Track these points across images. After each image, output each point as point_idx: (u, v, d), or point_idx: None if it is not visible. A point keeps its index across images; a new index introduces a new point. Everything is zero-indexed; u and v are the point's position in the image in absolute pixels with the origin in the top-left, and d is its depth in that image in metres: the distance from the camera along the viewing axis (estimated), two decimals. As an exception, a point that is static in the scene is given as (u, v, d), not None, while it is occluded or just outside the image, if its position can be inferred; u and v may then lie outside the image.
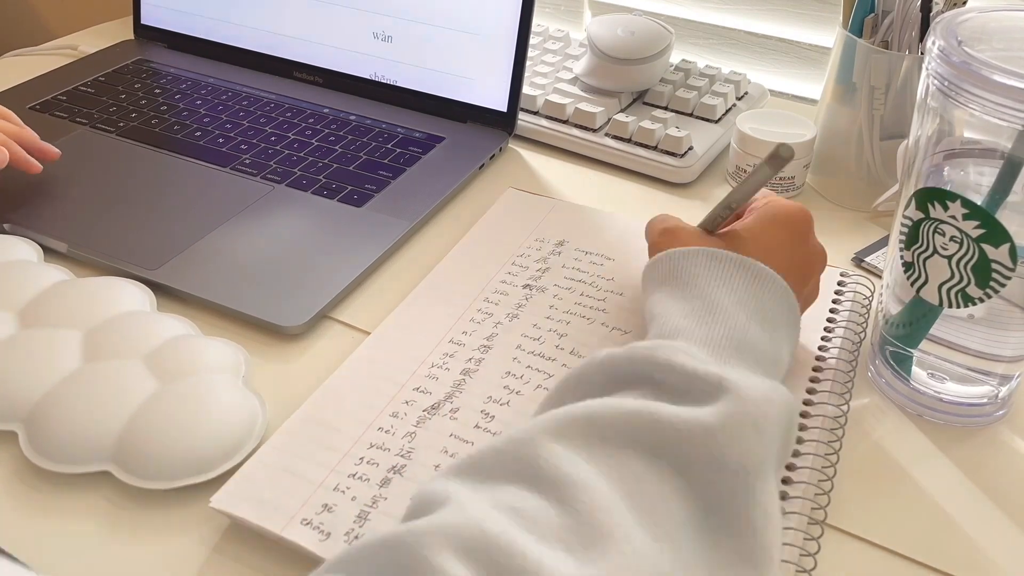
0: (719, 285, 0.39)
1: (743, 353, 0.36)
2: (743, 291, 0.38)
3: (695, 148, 0.63)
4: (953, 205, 0.38)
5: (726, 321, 0.37)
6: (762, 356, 0.36)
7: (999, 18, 0.40)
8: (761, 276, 0.39)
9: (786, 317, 0.39)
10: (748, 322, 0.37)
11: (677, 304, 0.38)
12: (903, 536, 0.38)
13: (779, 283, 0.39)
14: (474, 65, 0.66)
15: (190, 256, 0.52)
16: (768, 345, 0.37)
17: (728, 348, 0.36)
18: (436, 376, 0.44)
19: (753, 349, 0.36)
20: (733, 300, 0.38)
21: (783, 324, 0.39)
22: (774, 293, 0.39)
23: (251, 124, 0.67)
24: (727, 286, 0.39)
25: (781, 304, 0.39)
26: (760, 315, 0.38)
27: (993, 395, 0.43)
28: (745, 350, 0.36)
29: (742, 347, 0.36)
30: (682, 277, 0.40)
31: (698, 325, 0.37)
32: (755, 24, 0.78)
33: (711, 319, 0.37)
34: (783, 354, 0.39)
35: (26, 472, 0.40)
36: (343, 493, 0.37)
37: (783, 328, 0.39)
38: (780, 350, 0.38)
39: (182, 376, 0.42)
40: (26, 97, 0.70)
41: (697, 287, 0.39)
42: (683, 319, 0.37)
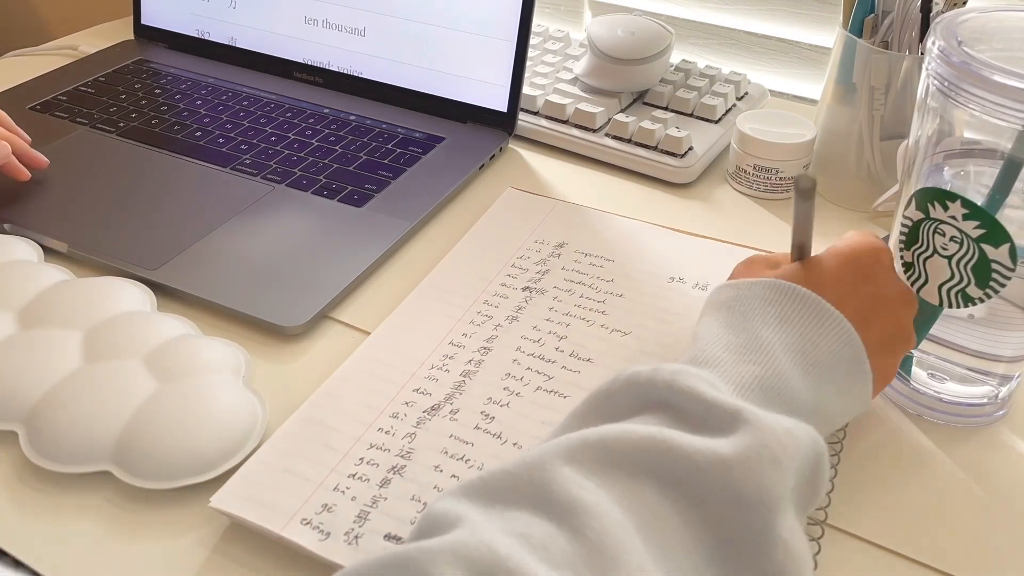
0: (774, 321, 0.36)
1: (772, 397, 0.34)
2: (798, 331, 0.36)
3: (695, 148, 0.63)
4: (953, 205, 0.38)
5: (765, 363, 0.35)
6: (796, 405, 0.34)
7: (999, 18, 0.40)
8: (823, 316, 0.36)
9: (847, 367, 0.36)
10: (790, 367, 0.35)
11: (724, 334, 0.36)
12: (903, 536, 0.38)
13: (843, 326, 0.36)
14: (474, 65, 0.66)
15: (190, 256, 0.52)
16: (807, 395, 0.35)
17: (758, 391, 0.34)
18: (436, 377, 0.44)
19: (786, 396, 0.34)
20: (783, 340, 0.35)
21: (839, 375, 0.36)
22: (836, 338, 0.36)
23: (251, 124, 0.67)
24: (781, 323, 0.36)
25: (840, 349, 0.36)
26: (810, 361, 0.35)
27: (993, 395, 0.43)
28: (774, 396, 0.34)
29: (772, 393, 0.34)
30: (739, 307, 0.37)
31: (734, 361, 0.35)
32: (755, 24, 0.78)
33: (750, 357, 0.35)
34: (828, 406, 0.36)
35: (26, 472, 0.40)
36: (343, 493, 0.37)
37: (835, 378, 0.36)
38: (823, 401, 0.35)
39: (182, 376, 0.42)
40: (26, 97, 0.70)
41: (748, 320, 0.36)
42: (723, 351, 0.35)
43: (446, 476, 0.38)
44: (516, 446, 0.40)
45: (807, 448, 0.31)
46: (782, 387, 0.34)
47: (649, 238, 0.55)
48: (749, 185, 0.62)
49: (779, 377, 0.34)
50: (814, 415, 0.35)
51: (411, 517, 0.36)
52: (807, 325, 0.36)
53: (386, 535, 0.35)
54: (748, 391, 0.34)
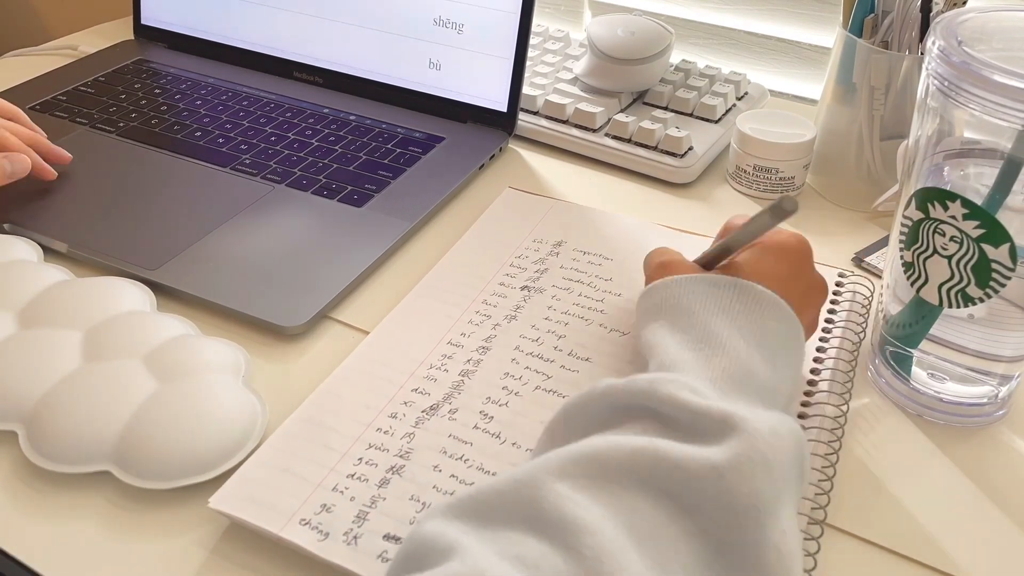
0: (717, 313, 0.38)
1: (744, 385, 0.35)
2: (743, 318, 0.37)
3: (695, 148, 0.63)
4: (953, 205, 0.38)
5: (726, 352, 0.36)
6: (763, 387, 0.35)
7: (999, 18, 0.40)
8: (763, 300, 0.38)
9: (790, 342, 0.38)
10: (749, 351, 0.36)
11: (674, 335, 0.37)
12: (903, 536, 0.38)
13: (782, 307, 0.38)
14: (474, 65, 0.66)
15: (190, 256, 0.52)
16: (769, 374, 0.36)
17: (729, 381, 0.35)
18: (435, 377, 0.44)
19: (754, 380, 0.35)
20: (732, 328, 0.37)
21: (785, 350, 0.38)
22: (777, 317, 0.38)
23: (251, 124, 0.67)
24: (726, 313, 0.37)
25: (784, 329, 0.38)
26: (761, 343, 0.37)
27: (993, 395, 0.43)
28: (746, 382, 0.35)
29: (743, 379, 0.35)
30: (679, 306, 0.39)
31: (697, 357, 0.36)
32: (755, 24, 0.78)
33: (710, 351, 0.36)
34: (785, 382, 0.37)
35: (26, 472, 0.40)
36: (342, 493, 0.37)
37: (785, 354, 0.38)
38: (782, 378, 0.37)
39: (182, 376, 0.42)
40: (26, 97, 0.70)
41: (694, 315, 0.38)
42: (681, 351, 0.36)
43: (445, 476, 0.38)
44: (515, 446, 0.40)
45: (791, 443, 0.31)
46: (747, 372, 0.35)
47: (648, 236, 0.55)
48: (749, 185, 0.62)
49: (743, 364, 0.35)
50: (777, 393, 0.36)
51: (410, 517, 0.36)
52: (752, 311, 0.38)
53: (385, 535, 0.35)
54: (723, 383, 0.34)
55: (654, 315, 0.40)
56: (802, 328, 0.39)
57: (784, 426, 0.32)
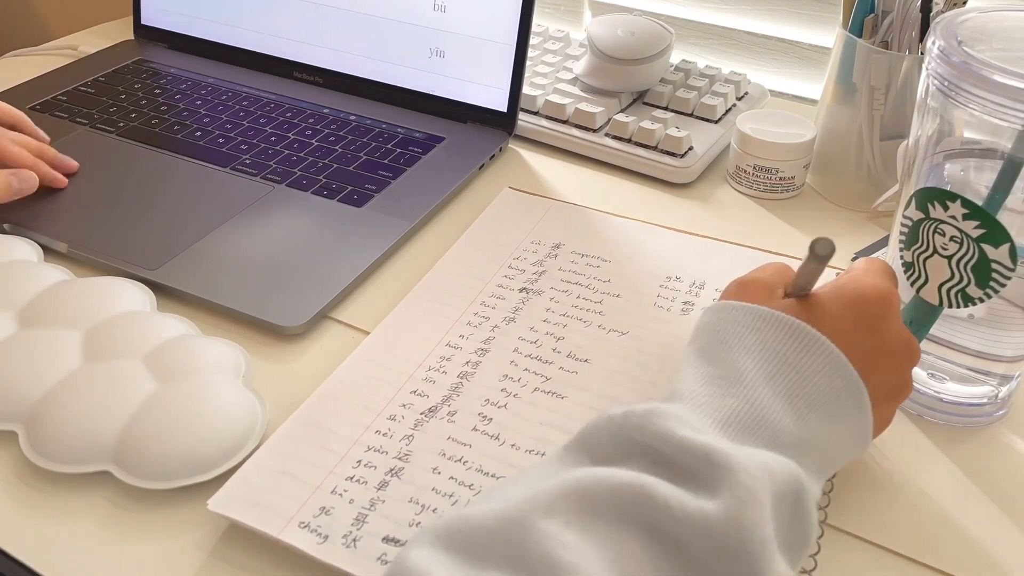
0: (754, 350, 0.34)
1: (753, 432, 0.32)
2: (781, 361, 0.34)
3: (695, 148, 0.63)
4: (953, 205, 0.38)
5: (743, 394, 0.33)
6: (779, 439, 0.32)
7: (999, 18, 0.40)
8: (811, 347, 0.34)
9: (839, 400, 0.34)
10: (772, 399, 0.33)
11: (702, 365, 0.35)
12: (903, 536, 0.38)
13: (835, 358, 0.34)
14: (474, 65, 0.66)
15: (190, 256, 0.52)
16: (794, 428, 0.33)
17: (736, 425, 0.32)
18: (433, 379, 0.44)
19: (769, 429, 0.32)
20: (762, 370, 0.34)
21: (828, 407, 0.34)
22: (826, 369, 0.34)
23: (251, 124, 0.67)
24: (762, 353, 0.34)
25: (834, 384, 0.34)
26: (792, 392, 0.33)
27: (993, 395, 0.43)
28: (758, 430, 0.32)
29: (755, 426, 0.32)
30: (718, 334, 0.36)
31: (711, 394, 0.33)
32: (755, 24, 0.78)
33: (727, 388, 0.33)
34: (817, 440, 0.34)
35: (26, 472, 0.40)
36: (340, 496, 0.37)
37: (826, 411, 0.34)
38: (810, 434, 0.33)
39: (182, 376, 0.42)
40: (26, 97, 0.70)
41: (728, 348, 0.35)
42: (699, 383, 0.34)
43: (444, 478, 0.38)
44: (514, 447, 0.40)
45: (783, 482, 0.30)
46: (762, 421, 0.33)
47: (646, 238, 0.55)
48: (749, 185, 0.62)
49: (759, 410, 0.33)
50: (801, 449, 0.33)
51: (409, 519, 0.36)
52: (791, 353, 0.34)
53: (384, 537, 0.35)
54: (726, 426, 0.32)
55: (695, 337, 0.37)
56: (863, 386, 0.34)
57: (781, 465, 0.30)
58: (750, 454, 0.30)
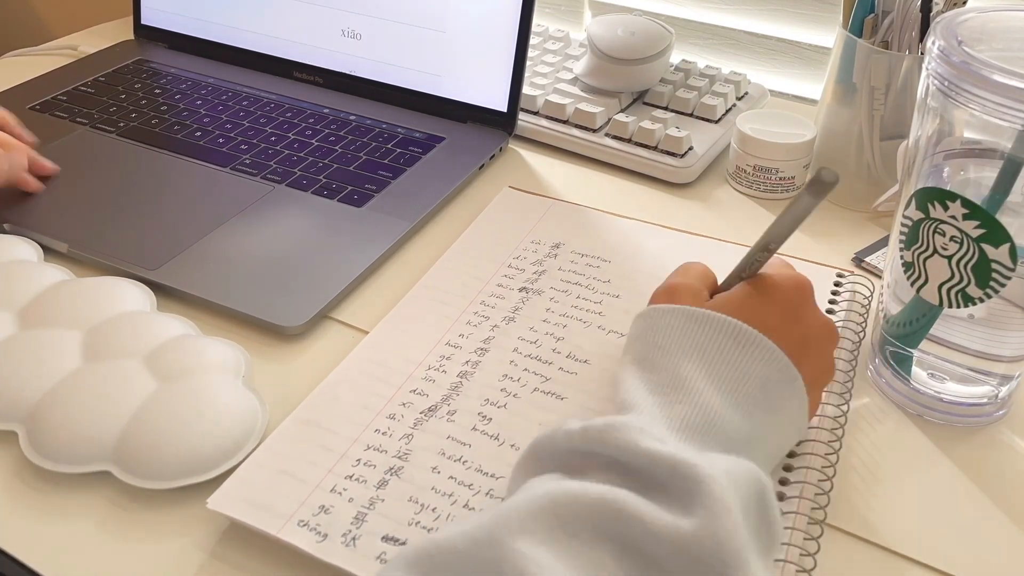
0: (691, 352, 0.35)
1: (707, 435, 0.33)
2: (719, 359, 0.35)
3: (695, 148, 0.63)
4: (953, 205, 0.38)
5: (690, 399, 0.33)
6: (731, 438, 0.33)
7: (999, 18, 0.40)
8: (744, 340, 0.35)
9: (778, 389, 0.35)
10: (720, 398, 0.34)
11: (642, 373, 0.35)
12: (903, 536, 0.38)
13: (768, 348, 0.35)
14: (474, 65, 0.66)
15: (190, 256, 0.52)
16: (741, 424, 0.34)
17: (689, 430, 0.33)
18: (433, 379, 0.44)
19: (720, 430, 0.33)
20: (703, 371, 0.34)
21: (770, 398, 0.35)
22: (761, 361, 0.35)
23: (251, 124, 0.67)
24: (700, 354, 0.35)
25: (771, 374, 0.35)
26: (736, 389, 0.34)
27: (993, 395, 0.43)
28: (709, 432, 0.33)
29: (706, 429, 0.33)
30: (653, 340, 0.36)
31: (658, 402, 0.34)
32: (755, 24, 0.78)
33: (673, 395, 0.34)
34: (763, 431, 0.35)
35: (26, 472, 0.40)
36: (340, 495, 0.37)
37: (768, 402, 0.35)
38: (758, 428, 0.34)
39: (182, 376, 0.42)
40: (26, 97, 0.70)
41: (666, 353, 0.35)
42: (646, 392, 0.34)
43: (443, 477, 0.38)
44: (513, 447, 0.40)
45: (747, 485, 0.30)
46: (712, 423, 0.33)
47: (645, 238, 0.55)
48: (749, 185, 0.62)
49: (708, 413, 0.33)
50: (750, 446, 0.34)
51: (408, 518, 0.36)
52: (728, 351, 0.35)
53: (383, 536, 0.35)
54: (681, 432, 0.32)
55: (629, 347, 0.38)
56: (797, 373, 0.35)
57: (741, 468, 0.31)
58: (713, 462, 0.30)
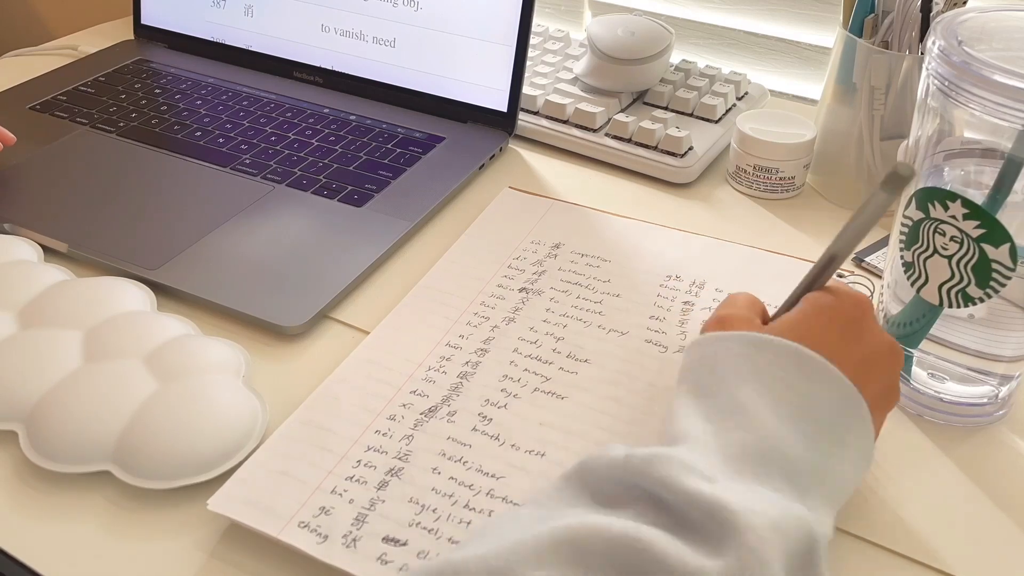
0: (749, 377, 0.33)
1: (766, 463, 0.31)
2: (780, 383, 0.33)
3: (695, 148, 0.63)
4: (953, 205, 0.38)
5: (748, 424, 0.32)
6: (794, 467, 0.31)
7: (999, 18, 0.40)
8: (805, 364, 0.33)
9: (844, 415, 0.33)
10: (779, 424, 0.32)
11: (697, 400, 0.34)
12: (903, 536, 0.38)
13: (830, 372, 0.33)
14: (474, 65, 0.66)
15: (190, 256, 0.52)
16: (804, 452, 0.32)
17: (745, 458, 0.31)
18: (433, 379, 0.44)
19: (781, 458, 0.31)
20: (762, 396, 0.32)
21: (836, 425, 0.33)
22: (825, 384, 0.33)
23: (251, 124, 0.67)
24: (758, 378, 0.33)
25: (835, 399, 0.33)
26: (800, 415, 0.32)
27: (993, 395, 0.43)
28: (769, 460, 0.31)
29: (765, 456, 0.31)
30: (710, 368, 0.34)
31: (712, 429, 0.32)
32: (755, 24, 0.78)
33: (731, 421, 0.32)
34: (830, 464, 0.32)
35: (26, 472, 0.40)
36: (340, 496, 0.37)
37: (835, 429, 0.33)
38: (825, 457, 0.32)
39: (182, 376, 0.42)
40: (26, 97, 0.70)
41: (723, 380, 0.33)
42: (701, 420, 0.33)
43: (444, 478, 0.38)
44: (514, 447, 0.40)
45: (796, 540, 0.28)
46: (774, 449, 0.31)
47: (645, 237, 0.55)
48: (749, 185, 0.62)
49: (768, 439, 0.31)
50: (816, 478, 0.32)
51: (409, 519, 0.36)
52: (789, 376, 0.33)
53: (384, 537, 0.35)
54: (738, 461, 0.31)
55: (684, 377, 0.36)
56: (862, 398, 0.33)
57: (791, 520, 0.29)
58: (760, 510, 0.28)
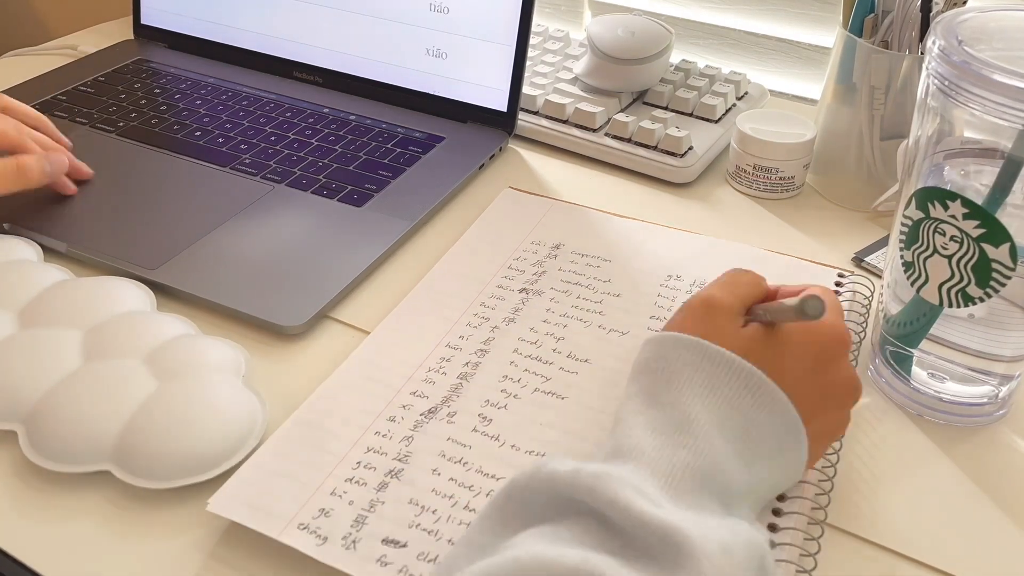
0: (702, 392, 0.33)
1: (706, 484, 0.31)
2: (728, 404, 0.33)
3: (695, 148, 0.63)
4: (953, 205, 0.38)
5: (696, 445, 0.32)
6: (730, 489, 0.32)
7: (999, 18, 0.40)
8: (756, 388, 0.34)
9: (782, 442, 0.34)
10: (724, 447, 0.32)
11: (648, 409, 0.34)
12: (903, 536, 0.38)
13: (779, 401, 0.34)
14: (474, 65, 0.66)
15: (190, 256, 0.52)
16: (743, 476, 0.33)
17: (688, 479, 0.31)
18: (433, 380, 0.44)
19: (720, 481, 0.32)
20: (712, 414, 0.33)
21: (772, 450, 0.34)
22: (771, 411, 0.34)
23: (251, 124, 0.67)
24: (711, 394, 0.33)
25: (779, 426, 0.34)
26: (743, 436, 0.33)
27: (993, 395, 0.43)
28: (710, 482, 0.32)
29: (707, 478, 0.32)
30: (664, 372, 0.35)
31: (660, 443, 0.32)
32: (755, 24, 0.78)
33: (679, 437, 0.32)
34: (762, 485, 0.34)
35: (26, 472, 0.40)
36: (340, 497, 0.37)
37: (771, 455, 0.34)
38: (759, 481, 0.33)
39: (182, 376, 0.42)
40: (26, 97, 0.69)
41: (676, 390, 0.34)
42: (648, 434, 0.33)
43: (444, 479, 0.38)
44: (514, 448, 0.40)
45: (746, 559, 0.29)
46: (716, 471, 0.32)
47: (646, 237, 0.55)
48: (749, 185, 0.62)
49: (713, 461, 0.32)
50: (748, 495, 0.33)
51: (408, 521, 0.36)
52: (739, 397, 0.34)
53: (384, 539, 0.35)
54: (680, 481, 0.31)
55: (637, 374, 0.36)
56: (803, 429, 0.34)
57: (739, 540, 0.29)
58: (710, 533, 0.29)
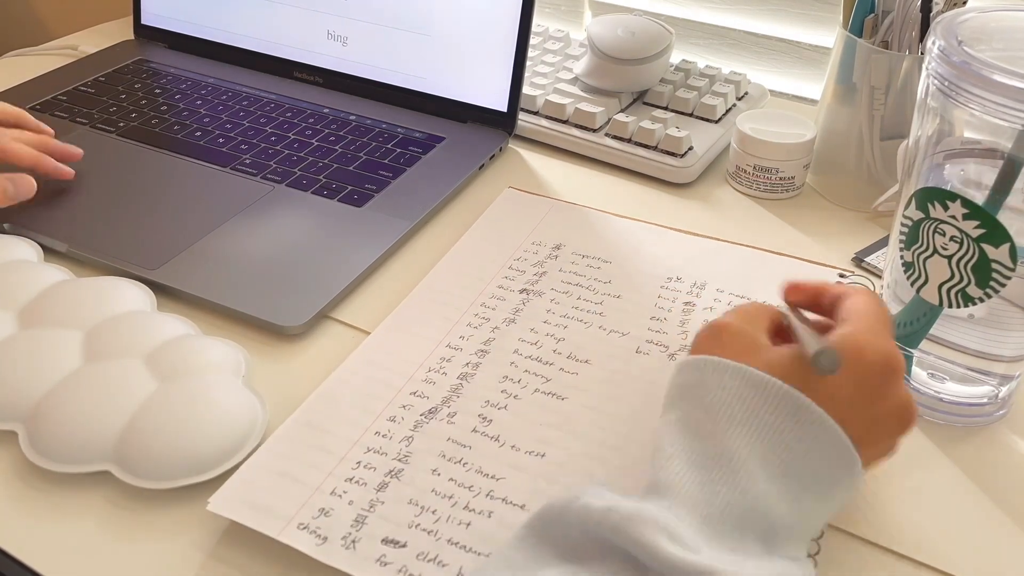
0: (744, 423, 0.31)
1: (746, 524, 0.30)
2: (774, 437, 0.31)
3: (695, 148, 0.63)
4: (953, 205, 0.38)
5: (736, 482, 0.30)
6: (773, 528, 0.30)
7: (999, 18, 0.40)
8: (807, 421, 0.31)
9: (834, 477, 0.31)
10: (767, 484, 0.30)
11: (686, 439, 0.32)
12: (903, 536, 0.38)
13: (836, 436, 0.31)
14: (474, 65, 0.66)
15: (190, 256, 0.52)
16: (787, 513, 0.30)
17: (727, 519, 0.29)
18: (433, 381, 0.44)
19: (762, 520, 0.30)
20: (755, 448, 0.31)
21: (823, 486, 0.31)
22: (824, 448, 0.31)
23: (251, 124, 0.67)
24: (754, 426, 0.31)
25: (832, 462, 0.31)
26: (788, 473, 0.31)
27: (993, 395, 0.43)
28: (750, 521, 0.30)
29: (746, 518, 0.30)
30: (703, 401, 0.32)
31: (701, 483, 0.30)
32: (755, 24, 0.78)
33: (718, 473, 0.30)
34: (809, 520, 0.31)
35: (26, 472, 0.40)
36: (340, 497, 0.37)
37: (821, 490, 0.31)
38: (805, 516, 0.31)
39: (182, 376, 0.42)
40: (26, 97, 0.70)
41: (715, 420, 0.31)
42: (686, 468, 0.31)
43: (444, 480, 0.38)
44: (514, 448, 0.40)
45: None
46: (756, 511, 0.30)
47: (646, 238, 0.55)
48: (749, 185, 0.62)
49: (753, 500, 0.30)
50: (792, 533, 0.31)
51: (408, 521, 0.36)
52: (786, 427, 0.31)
53: (383, 539, 0.35)
54: (718, 521, 0.29)
55: (673, 402, 0.34)
56: (858, 461, 0.32)
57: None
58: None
